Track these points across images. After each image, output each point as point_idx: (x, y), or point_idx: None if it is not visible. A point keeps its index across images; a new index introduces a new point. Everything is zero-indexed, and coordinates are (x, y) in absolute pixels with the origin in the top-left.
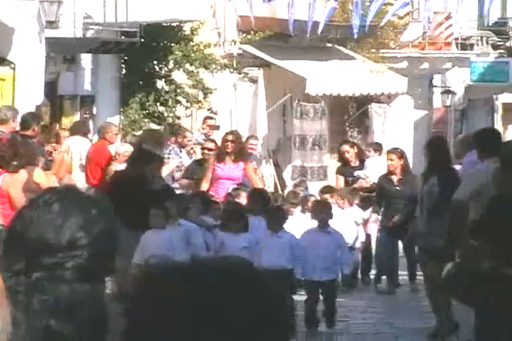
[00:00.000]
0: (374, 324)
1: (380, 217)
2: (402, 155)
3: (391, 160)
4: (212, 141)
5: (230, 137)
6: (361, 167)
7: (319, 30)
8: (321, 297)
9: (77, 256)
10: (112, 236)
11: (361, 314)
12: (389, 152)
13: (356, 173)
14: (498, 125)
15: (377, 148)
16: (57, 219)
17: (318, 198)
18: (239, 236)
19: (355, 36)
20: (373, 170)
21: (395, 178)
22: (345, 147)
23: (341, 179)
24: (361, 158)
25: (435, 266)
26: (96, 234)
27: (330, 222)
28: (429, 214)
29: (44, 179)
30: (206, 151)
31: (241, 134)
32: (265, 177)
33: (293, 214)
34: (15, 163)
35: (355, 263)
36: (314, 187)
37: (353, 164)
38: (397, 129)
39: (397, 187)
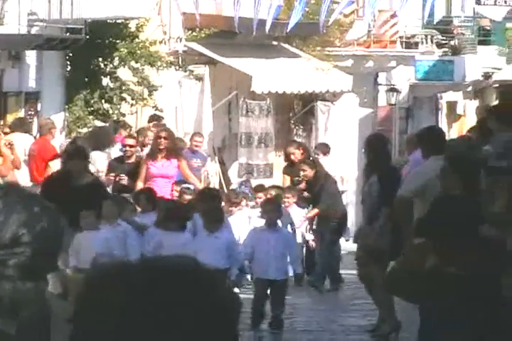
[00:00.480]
0: (318, 322)
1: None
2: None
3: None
4: (133, 137)
5: (162, 134)
6: None
7: (267, 29)
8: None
9: (20, 254)
10: (56, 234)
11: (306, 311)
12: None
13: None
14: (443, 123)
15: (325, 149)
16: None
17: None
18: (177, 234)
19: (287, 31)
20: None
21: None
22: (291, 149)
23: (287, 179)
24: (307, 158)
25: (375, 266)
26: (39, 232)
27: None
28: (369, 214)
29: None
30: (127, 148)
31: (173, 131)
32: (210, 175)
33: (234, 213)
34: None
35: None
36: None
37: (297, 163)
38: (342, 127)
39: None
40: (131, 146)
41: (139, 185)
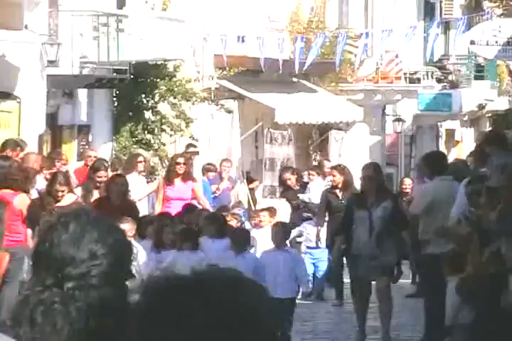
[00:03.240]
0: (336, 323)
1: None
2: (343, 171)
3: (333, 175)
4: (106, 170)
5: (181, 160)
6: (302, 190)
7: (296, 69)
8: None
9: (99, 265)
10: (124, 245)
11: (325, 314)
12: (332, 168)
13: (301, 197)
14: (442, 148)
15: (319, 171)
16: (75, 236)
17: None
18: (191, 254)
19: (305, 69)
20: (317, 193)
21: (338, 192)
22: (287, 175)
23: (284, 202)
24: (301, 182)
25: (385, 280)
26: (110, 245)
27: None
28: (379, 236)
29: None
30: (98, 179)
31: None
32: (240, 196)
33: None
34: (25, 185)
35: None
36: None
37: (294, 188)
38: (355, 152)
39: (342, 201)
40: (99, 177)
41: (157, 207)
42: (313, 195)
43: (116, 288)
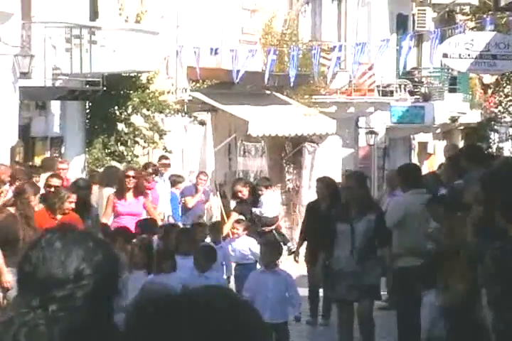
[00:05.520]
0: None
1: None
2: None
3: (318, 188)
4: (60, 178)
5: (131, 173)
6: (255, 203)
7: (265, 80)
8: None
9: (85, 286)
10: (112, 264)
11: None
12: (316, 181)
13: (254, 210)
14: (415, 160)
15: (267, 183)
16: (60, 255)
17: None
18: (170, 275)
19: (291, 85)
20: (269, 206)
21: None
22: (239, 187)
23: (235, 215)
24: (255, 193)
25: (368, 303)
26: (97, 263)
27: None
28: (361, 252)
29: None
30: (52, 189)
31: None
32: (213, 208)
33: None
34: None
35: None
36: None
37: (248, 201)
38: (328, 165)
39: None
40: (56, 187)
41: (104, 221)
42: (266, 208)
43: (101, 308)
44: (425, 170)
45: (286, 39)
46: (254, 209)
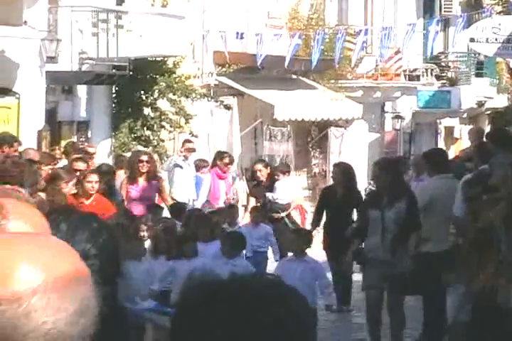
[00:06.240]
0: (325, 321)
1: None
2: (344, 169)
3: (334, 173)
4: (85, 161)
5: (144, 157)
6: (271, 188)
7: (286, 64)
8: None
9: (91, 265)
10: (115, 244)
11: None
12: (333, 166)
13: (267, 195)
14: (441, 145)
15: (286, 169)
16: (66, 236)
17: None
18: (193, 261)
19: (313, 68)
20: (283, 192)
21: (339, 191)
22: (259, 166)
23: (253, 201)
24: (272, 178)
25: (400, 296)
26: (101, 244)
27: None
28: (394, 241)
29: None
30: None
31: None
32: (239, 192)
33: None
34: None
35: None
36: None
37: (263, 183)
38: (354, 150)
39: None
40: (80, 171)
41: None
42: (279, 194)
43: (107, 288)
44: (452, 154)
45: (312, 23)
46: (267, 194)
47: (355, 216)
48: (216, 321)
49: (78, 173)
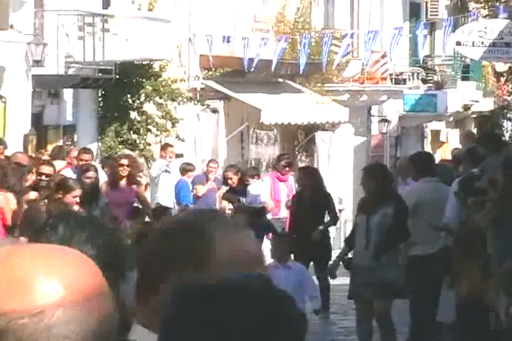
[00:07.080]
0: (320, 324)
1: None
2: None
3: (299, 178)
4: (52, 165)
5: (124, 161)
6: (243, 192)
7: (272, 67)
8: None
9: None
10: (115, 246)
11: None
12: (299, 170)
13: (241, 200)
14: (428, 149)
15: (255, 173)
16: (64, 238)
17: None
18: None
19: (301, 72)
20: (255, 196)
21: (306, 195)
22: (229, 173)
23: (226, 206)
24: (243, 182)
25: (384, 303)
26: (100, 246)
27: None
28: (378, 248)
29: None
30: (44, 177)
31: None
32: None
33: None
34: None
35: None
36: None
37: (236, 189)
38: (340, 153)
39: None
40: (47, 175)
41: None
42: (252, 198)
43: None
44: (438, 158)
45: (299, 27)
46: (241, 199)
47: (326, 218)
48: (204, 319)
49: (44, 177)
